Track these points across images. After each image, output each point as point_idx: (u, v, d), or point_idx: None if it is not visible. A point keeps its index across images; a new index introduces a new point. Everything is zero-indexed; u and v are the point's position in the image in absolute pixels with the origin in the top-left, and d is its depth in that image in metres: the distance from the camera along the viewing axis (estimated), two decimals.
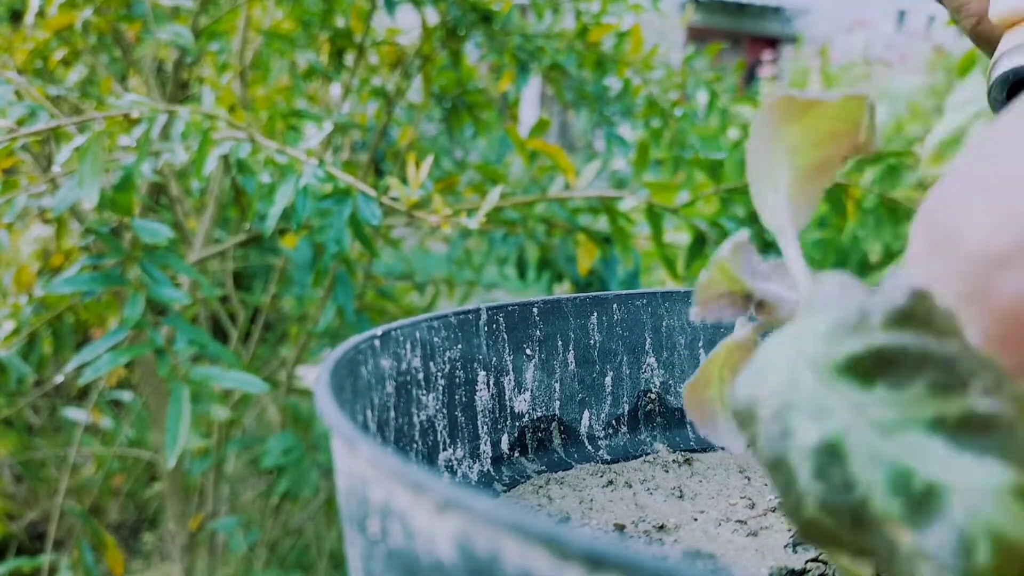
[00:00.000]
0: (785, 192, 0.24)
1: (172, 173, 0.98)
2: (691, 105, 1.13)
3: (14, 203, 0.68)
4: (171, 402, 0.63)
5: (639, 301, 0.41)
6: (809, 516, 0.17)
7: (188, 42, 0.80)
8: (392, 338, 0.31)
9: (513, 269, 1.10)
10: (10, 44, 0.93)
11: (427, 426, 0.33)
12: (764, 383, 0.19)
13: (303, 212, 0.65)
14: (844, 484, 0.17)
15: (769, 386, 0.19)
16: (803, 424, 0.18)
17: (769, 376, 0.19)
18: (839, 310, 0.18)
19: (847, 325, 0.18)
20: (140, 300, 0.64)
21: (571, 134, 4.34)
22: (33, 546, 1.34)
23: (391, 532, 0.18)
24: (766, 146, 0.24)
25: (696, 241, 0.87)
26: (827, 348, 0.18)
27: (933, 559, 0.16)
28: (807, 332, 0.19)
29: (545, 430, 0.38)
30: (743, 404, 0.19)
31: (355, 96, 1.10)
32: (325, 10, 1.01)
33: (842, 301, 0.19)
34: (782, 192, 0.24)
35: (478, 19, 0.97)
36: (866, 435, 0.17)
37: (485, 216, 0.66)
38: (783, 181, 0.24)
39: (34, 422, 1.47)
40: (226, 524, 1.08)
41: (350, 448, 0.19)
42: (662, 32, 1.79)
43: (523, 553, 0.15)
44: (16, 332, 0.89)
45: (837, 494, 0.17)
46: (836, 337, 0.18)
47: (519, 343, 0.37)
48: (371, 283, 1.13)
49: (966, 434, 0.16)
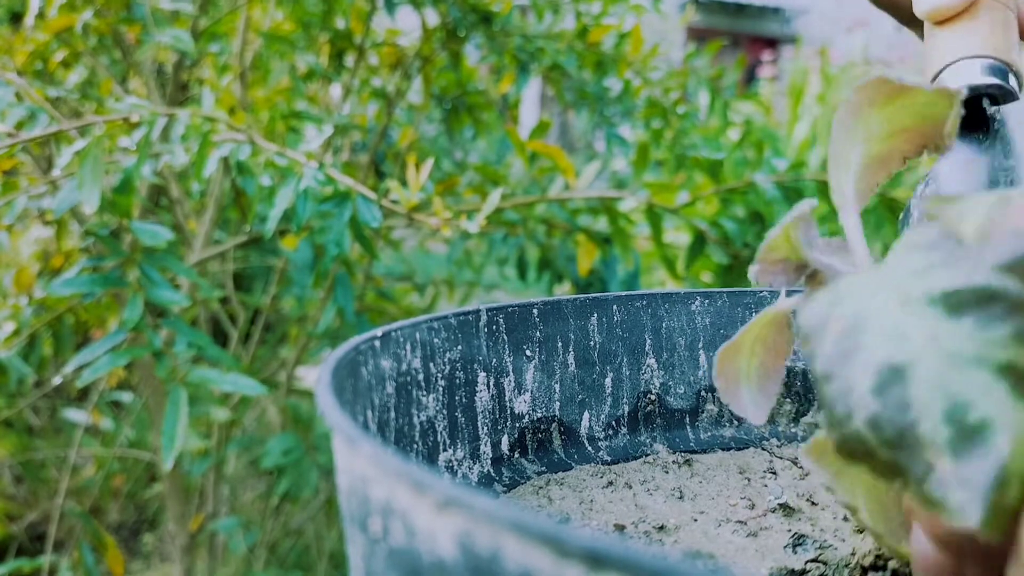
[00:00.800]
0: (854, 174, 0.25)
1: (172, 175, 0.98)
2: (692, 105, 1.13)
3: (14, 205, 0.68)
4: (168, 404, 0.63)
5: (639, 302, 0.41)
6: (853, 429, 0.18)
7: (188, 46, 0.80)
8: (392, 339, 0.31)
9: (513, 270, 1.10)
10: (10, 46, 0.93)
11: (427, 427, 0.33)
12: (839, 306, 0.20)
13: (303, 214, 0.65)
14: (900, 404, 0.18)
15: (844, 308, 0.20)
16: (873, 344, 0.18)
17: (846, 300, 0.20)
18: (941, 250, 0.19)
19: (950, 261, 0.19)
20: (139, 302, 0.64)
21: (571, 135, 4.34)
22: (33, 547, 1.34)
23: (392, 531, 0.18)
24: (849, 124, 0.25)
25: (696, 241, 0.87)
26: (921, 281, 0.19)
27: (967, 487, 0.16)
28: (897, 268, 0.20)
29: (545, 431, 0.38)
30: (812, 322, 0.20)
31: (355, 97, 1.10)
32: (325, 11, 1.01)
33: (943, 244, 0.20)
34: (851, 173, 0.25)
35: (478, 20, 0.97)
36: (936, 364, 0.18)
37: (485, 217, 0.66)
38: (854, 163, 0.25)
39: (34, 423, 1.47)
40: (226, 525, 1.08)
41: (352, 447, 0.19)
42: (662, 33, 1.79)
43: (524, 552, 0.15)
44: (16, 333, 0.89)
45: (891, 412, 0.18)
46: (933, 272, 0.19)
47: (519, 344, 0.37)
48: (371, 284, 1.13)
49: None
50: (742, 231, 0.85)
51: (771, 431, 0.42)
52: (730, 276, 0.87)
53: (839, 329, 0.19)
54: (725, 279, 0.87)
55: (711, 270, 0.96)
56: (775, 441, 0.41)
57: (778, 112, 3.21)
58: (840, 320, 0.19)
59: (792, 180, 0.82)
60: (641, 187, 0.84)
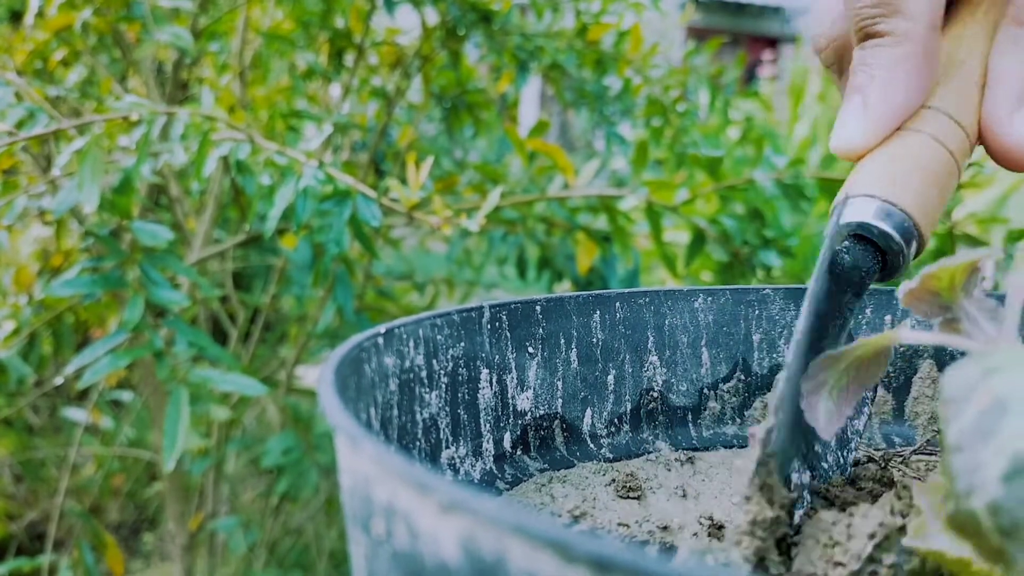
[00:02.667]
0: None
1: (172, 174, 0.98)
2: (692, 103, 1.13)
3: (14, 204, 0.68)
4: (169, 404, 0.63)
5: (642, 299, 0.40)
6: (971, 507, 0.18)
7: (187, 43, 0.80)
8: (396, 336, 0.31)
9: (513, 268, 1.10)
10: (10, 45, 0.93)
11: (430, 424, 0.33)
12: (990, 379, 0.19)
13: (303, 213, 0.64)
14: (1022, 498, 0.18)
15: (994, 383, 0.19)
16: (1015, 430, 0.18)
17: (998, 375, 0.19)
18: None
19: None
20: (140, 302, 0.64)
21: (571, 134, 4.34)
22: (33, 546, 1.33)
23: (395, 532, 0.18)
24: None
25: (696, 239, 0.87)
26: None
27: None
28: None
29: (548, 428, 0.38)
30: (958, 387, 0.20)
31: (355, 96, 1.10)
32: (324, 10, 1.01)
33: None
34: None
35: (478, 19, 0.97)
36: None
37: (485, 216, 0.66)
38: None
39: (34, 422, 1.47)
40: (226, 524, 1.08)
41: (354, 447, 0.19)
42: (662, 31, 1.79)
43: (529, 556, 0.15)
44: (16, 332, 0.89)
45: (1013, 503, 0.18)
46: None
47: (522, 341, 0.37)
48: (371, 283, 1.13)
49: None
50: (741, 228, 0.85)
51: None
52: (730, 274, 0.87)
53: (984, 404, 0.19)
54: (725, 277, 0.87)
55: (711, 269, 0.96)
56: None
57: (778, 112, 3.21)
58: (987, 395, 0.19)
59: (792, 177, 0.82)
60: (640, 185, 0.83)
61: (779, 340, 0.42)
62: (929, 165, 0.30)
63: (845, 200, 0.30)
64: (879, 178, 0.30)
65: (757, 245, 0.85)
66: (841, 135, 0.32)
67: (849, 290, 0.30)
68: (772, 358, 0.42)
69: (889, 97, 0.31)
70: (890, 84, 0.30)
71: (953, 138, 0.31)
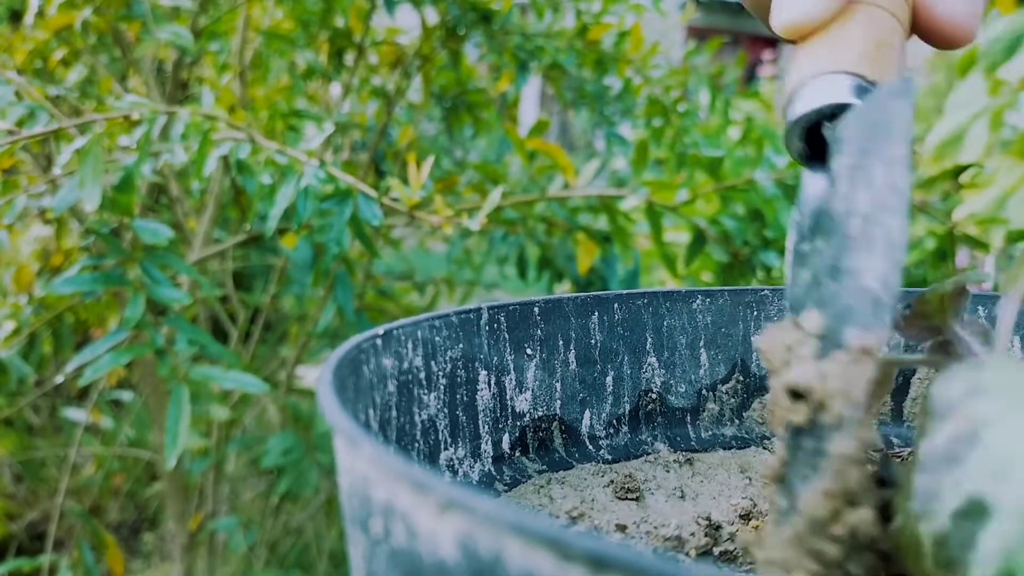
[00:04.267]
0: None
1: (172, 173, 0.98)
2: (693, 103, 1.13)
3: (14, 204, 0.68)
4: (171, 403, 0.63)
5: (640, 301, 0.41)
6: (918, 531, 0.18)
7: (187, 42, 0.80)
8: (394, 337, 0.31)
9: (513, 269, 1.10)
10: (10, 44, 0.93)
11: (429, 425, 0.33)
12: (972, 401, 0.19)
13: (304, 213, 0.65)
14: (967, 540, 0.17)
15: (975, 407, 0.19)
16: (978, 466, 0.18)
17: (981, 399, 0.19)
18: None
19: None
20: (141, 300, 0.64)
21: (571, 134, 4.34)
22: (33, 546, 1.33)
23: (394, 532, 0.18)
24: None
25: (696, 239, 0.87)
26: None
27: None
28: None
29: (546, 430, 0.38)
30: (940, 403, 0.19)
31: (355, 96, 1.10)
32: (325, 10, 1.01)
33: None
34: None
35: (478, 19, 0.97)
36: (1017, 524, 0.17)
37: (485, 216, 0.66)
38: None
39: (34, 422, 1.47)
40: (226, 524, 1.08)
41: (353, 447, 0.19)
42: (662, 31, 1.79)
43: (526, 554, 0.15)
44: (16, 332, 0.89)
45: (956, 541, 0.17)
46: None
47: (520, 342, 0.37)
48: (371, 283, 1.13)
49: None
50: (742, 229, 0.85)
51: (772, 430, 0.42)
52: (730, 274, 0.87)
53: (958, 429, 0.19)
54: (725, 278, 0.87)
55: (711, 270, 0.96)
56: (776, 440, 0.41)
57: (778, 112, 3.21)
58: (964, 420, 0.19)
59: (792, 177, 0.82)
60: (641, 185, 0.83)
61: None
62: (891, 40, 0.28)
63: (811, 80, 0.28)
64: (848, 54, 0.28)
65: (757, 245, 0.85)
66: (791, 10, 0.28)
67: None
68: None
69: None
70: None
71: (903, 12, 0.29)
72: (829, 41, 0.28)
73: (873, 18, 0.28)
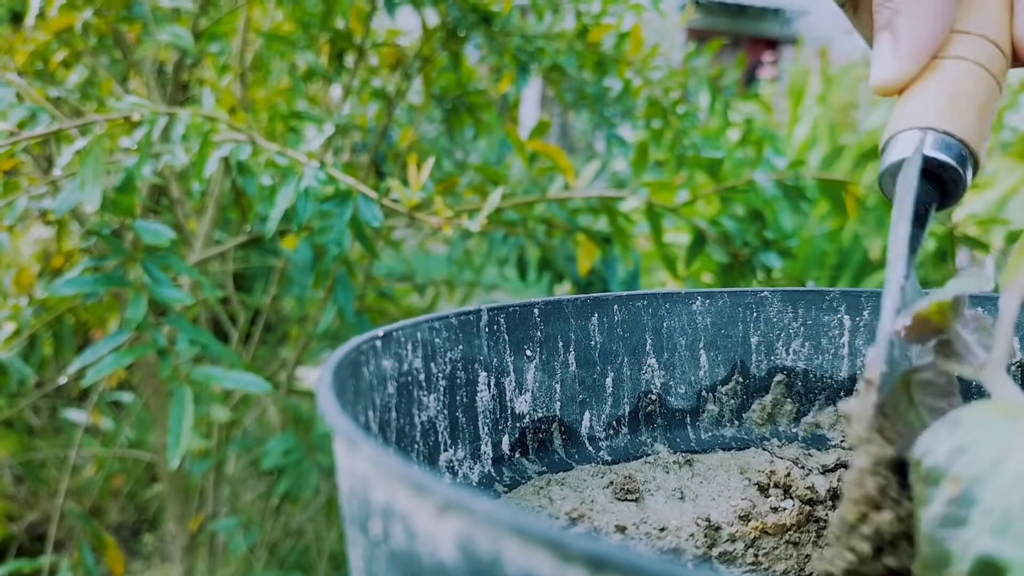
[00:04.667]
0: None
1: (173, 175, 0.98)
2: (693, 105, 1.13)
3: (15, 205, 0.68)
4: (173, 403, 0.63)
5: (640, 302, 0.41)
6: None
7: (188, 44, 0.80)
8: (394, 339, 0.31)
9: (513, 270, 1.10)
10: (11, 46, 0.93)
11: (428, 427, 0.33)
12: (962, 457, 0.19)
13: (304, 214, 0.65)
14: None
15: (965, 464, 0.19)
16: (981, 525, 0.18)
17: (969, 453, 0.19)
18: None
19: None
20: (142, 301, 0.64)
21: (571, 135, 4.34)
22: (33, 547, 1.34)
23: (393, 533, 0.18)
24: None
25: (696, 240, 0.87)
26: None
27: None
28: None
29: (546, 431, 0.38)
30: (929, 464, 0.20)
31: (355, 97, 1.10)
32: (325, 11, 1.01)
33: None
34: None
35: (478, 20, 0.97)
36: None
37: (486, 217, 0.66)
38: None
39: (35, 423, 1.47)
40: (226, 525, 1.08)
41: (352, 449, 0.19)
42: (662, 33, 1.79)
43: (525, 555, 0.15)
44: (17, 334, 0.89)
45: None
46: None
47: (520, 344, 0.37)
48: (371, 284, 1.13)
49: None
50: (742, 230, 0.85)
51: (771, 431, 0.42)
52: (730, 275, 0.87)
53: (953, 492, 0.19)
54: (725, 278, 0.87)
55: (711, 270, 0.96)
56: (776, 441, 0.41)
57: (778, 113, 3.21)
58: (957, 482, 0.19)
59: (792, 179, 0.82)
60: (641, 187, 0.83)
61: (777, 342, 0.42)
62: (972, 89, 0.31)
63: (893, 137, 0.31)
64: (925, 109, 0.30)
65: (757, 246, 0.85)
66: (877, 73, 0.32)
67: (914, 225, 0.30)
68: (770, 360, 0.42)
69: (917, 28, 0.31)
70: (915, 15, 0.31)
71: (990, 59, 0.31)
72: (910, 98, 0.31)
73: (950, 72, 0.31)
